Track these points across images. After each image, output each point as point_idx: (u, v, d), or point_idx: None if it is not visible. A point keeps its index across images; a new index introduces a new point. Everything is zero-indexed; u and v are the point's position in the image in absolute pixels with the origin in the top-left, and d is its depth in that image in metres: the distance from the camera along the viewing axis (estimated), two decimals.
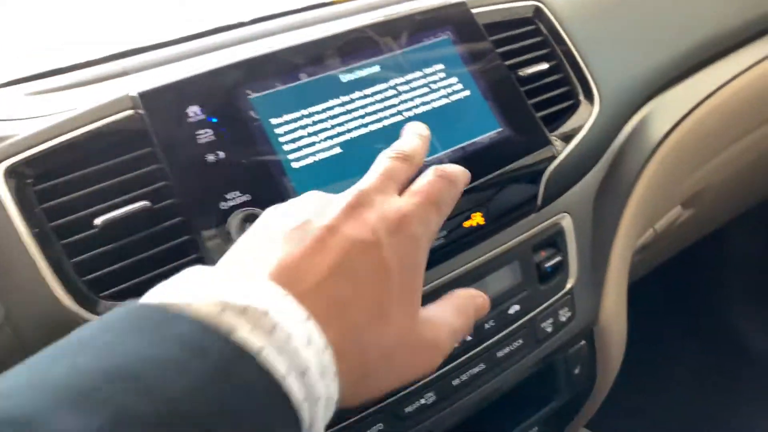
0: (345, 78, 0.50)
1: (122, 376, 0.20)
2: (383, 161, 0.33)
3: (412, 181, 0.33)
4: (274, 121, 0.46)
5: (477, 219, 0.50)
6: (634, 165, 0.64)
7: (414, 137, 0.36)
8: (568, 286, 0.56)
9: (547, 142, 0.53)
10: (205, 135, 0.45)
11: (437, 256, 0.49)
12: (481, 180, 0.50)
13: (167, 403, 0.20)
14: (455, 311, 0.33)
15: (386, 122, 0.49)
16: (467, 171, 0.35)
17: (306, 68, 0.49)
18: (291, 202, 0.31)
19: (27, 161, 0.42)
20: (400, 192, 0.32)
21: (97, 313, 0.39)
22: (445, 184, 0.32)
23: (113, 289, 0.41)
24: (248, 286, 0.24)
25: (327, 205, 0.30)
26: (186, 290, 0.24)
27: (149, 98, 0.44)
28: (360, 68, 0.50)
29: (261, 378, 0.22)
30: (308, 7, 0.72)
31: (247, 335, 0.22)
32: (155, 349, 0.21)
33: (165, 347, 0.21)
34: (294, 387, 0.23)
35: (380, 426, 0.47)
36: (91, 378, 0.20)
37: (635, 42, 0.66)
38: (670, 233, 0.82)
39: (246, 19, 0.71)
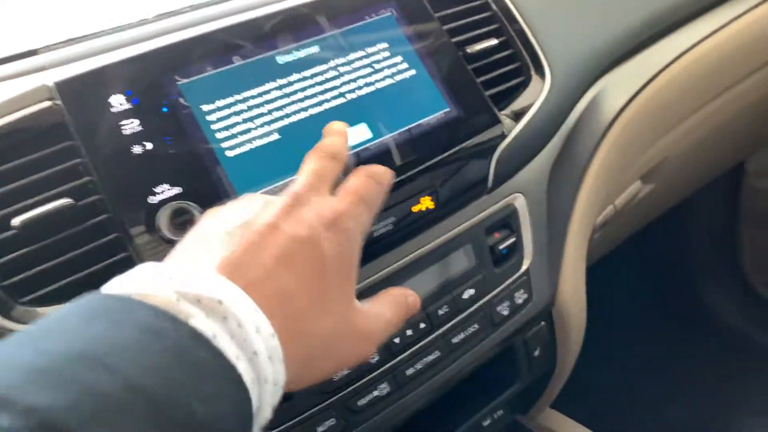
0: (282, 60, 0.47)
1: (86, 357, 0.22)
2: (312, 162, 0.36)
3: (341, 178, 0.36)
4: (205, 107, 0.44)
5: (426, 203, 0.48)
6: (589, 141, 0.63)
7: (336, 136, 0.39)
8: (524, 267, 0.55)
9: (497, 121, 0.52)
10: (130, 125, 0.42)
11: (387, 243, 0.47)
12: (429, 162, 0.48)
13: (128, 380, 0.21)
14: (389, 305, 0.36)
15: (327, 105, 0.47)
16: (390, 170, 0.38)
17: (239, 51, 0.46)
18: (231, 204, 0.33)
19: None
20: (332, 189, 0.35)
21: (13, 319, 0.37)
22: (373, 183, 0.36)
23: (35, 294, 0.38)
24: (201, 279, 0.26)
25: (266, 206, 0.32)
26: (143, 283, 0.26)
27: (67, 87, 0.41)
28: (298, 49, 0.48)
29: (215, 360, 0.24)
30: None
31: (203, 322, 0.25)
32: (117, 333, 0.23)
33: (126, 331, 0.23)
34: (245, 369, 0.25)
35: (332, 421, 0.45)
36: (57, 359, 0.22)
37: (587, 16, 0.65)
38: (630, 209, 0.81)
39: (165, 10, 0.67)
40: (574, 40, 0.62)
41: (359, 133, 0.47)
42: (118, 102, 0.42)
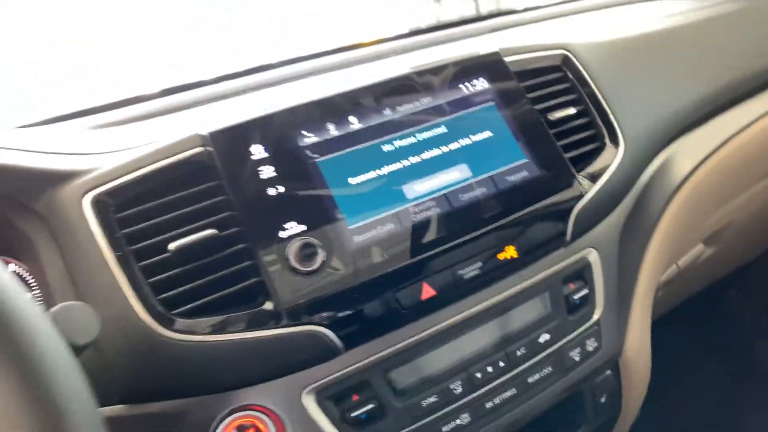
0: (390, 119, 0.55)
1: None
2: None
3: None
4: (326, 159, 0.51)
5: (510, 252, 0.54)
6: (658, 203, 0.68)
7: None
8: (595, 317, 0.59)
9: (575, 182, 0.58)
10: (267, 171, 0.50)
11: (474, 286, 0.53)
12: (514, 215, 0.54)
13: None
14: None
15: (424, 156, 0.54)
16: None
17: (355, 112, 0.54)
18: None
19: (109, 192, 0.47)
20: None
21: (172, 329, 0.44)
22: None
23: (184, 308, 0.45)
24: None
25: None
26: None
27: (218, 137, 0.50)
28: (405, 111, 0.55)
29: None
30: (338, 49, 0.78)
31: None
32: None
33: None
34: None
35: None
36: None
37: (659, 86, 0.71)
38: (692, 270, 0.84)
39: (280, 59, 0.78)
40: (647, 109, 0.67)
41: (456, 174, 0.54)
42: (258, 151, 0.50)
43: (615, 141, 0.63)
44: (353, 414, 0.48)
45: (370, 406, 0.49)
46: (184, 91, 0.70)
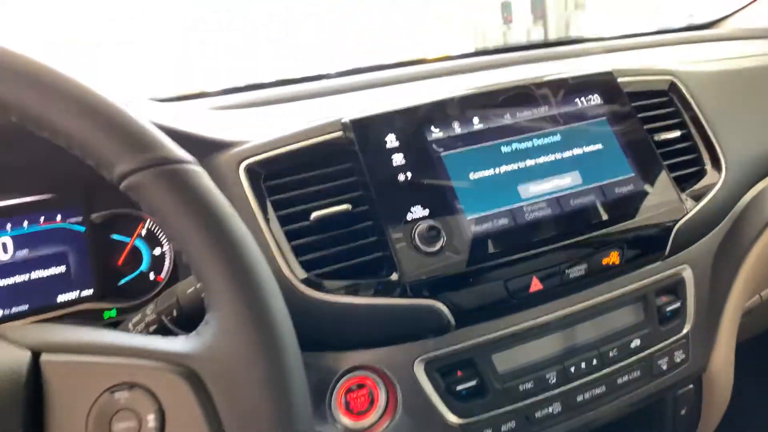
0: (509, 123, 0.59)
1: None
2: None
3: None
4: (450, 153, 0.56)
5: (613, 258, 0.57)
6: (753, 230, 0.70)
7: None
8: (684, 331, 0.62)
9: (679, 200, 0.60)
10: (398, 158, 0.55)
11: (576, 286, 0.56)
12: (620, 224, 0.57)
13: None
14: None
15: (539, 160, 0.58)
16: None
17: (478, 113, 0.58)
18: None
19: (262, 162, 0.53)
20: None
21: (311, 286, 0.49)
22: None
23: (320, 270, 0.51)
24: None
25: None
26: None
27: (357, 124, 0.55)
28: (523, 117, 0.60)
29: None
30: (462, 55, 0.84)
31: None
32: None
33: None
34: None
35: (512, 424, 0.54)
36: None
37: (761, 118, 0.73)
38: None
39: (399, 60, 0.83)
40: (749, 138, 0.70)
41: (568, 181, 0.58)
42: (391, 140, 0.55)
43: (717, 166, 0.66)
44: (457, 387, 0.53)
45: (472, 383, 0.53)
46: (296, 84, 0.77)
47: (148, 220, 0.67)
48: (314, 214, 0.52)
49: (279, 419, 0.29)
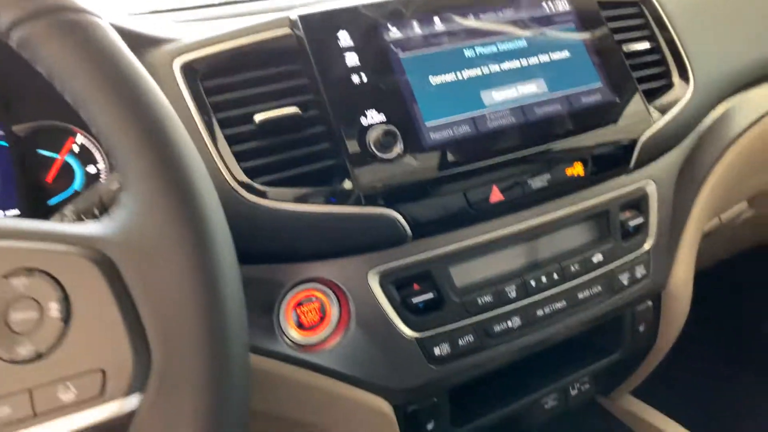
0: (473, 26, 0.55)
1: None
2: None
3: None
4: (409, 55, 0.52)
5: (578, 169, 0.55)
6: (715, 150, 0.68)
7: None
8: (647, 246, 0.60)
9: (646, 111, 0.58)
10: (351, 59, 0.50)
11: (538, 197, 0.54)
12: (585, 134, 0.55)
13: None
14: None
15: (504, 66, 0.54)
16: None
17: (440, 14, 0.54)
18: None
19: (198, 59, 0.48)
20: None
21: (256, 194, 0.45)
22: None
23: (266, 177, 0.47)
24: None
25: None
26: None
27: (306, 21, 0.50)
28: (488, 20, 0.55)
29: None
30: None
31: None
32: None
33: None
34: None
35: (470, 338, 0.52)
36: None
37: (733, 37, 0.70)
38: (731, 229, 0.85)
39: None
40: (719, 55, 0.67)
41: (533, 88, 0.54)
42: (344, 38, 0.50)
43: (685, 80, 0.64)
44: (413, 300, 0.50)
45: (429, 296, 0.51)
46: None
47: (79, 135, 0.61)
48: (258, 117, 0.47)
49: (206, 309, 0.26)
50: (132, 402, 0.25)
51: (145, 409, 0.25)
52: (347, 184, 0.47)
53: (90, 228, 0.27)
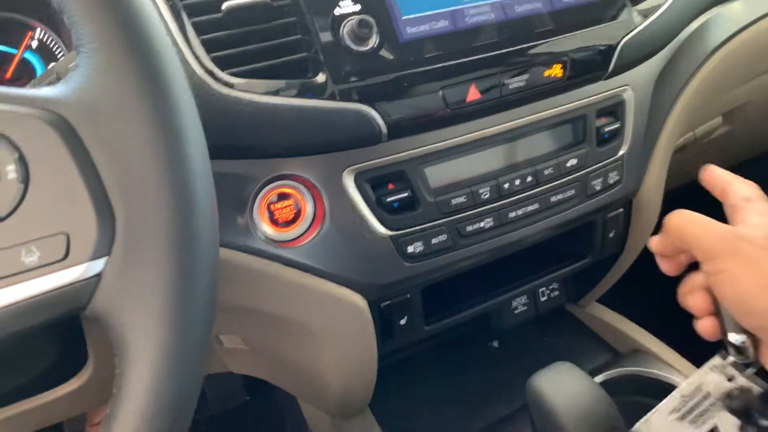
0: None
1: None
2: None
3: None
4: None
5: (556, 70, 0.54)
6: (694, 60, 0.68)
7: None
8: (621, 153, 0.61)
9: (629, 15, 0.57)
10: None
11: (517, 99, 0.53)
12: (566, 35, 0.53)
13: None
14: None
15: None
16: None
17: None
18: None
19: None
20: None
21: (226, 85, 0.44)
22: None
23: (236, 69, 0.45)
24: None
25: None
26: None
27: None
28: None
29: None
30: None
31: None
32: None
33: None
34: None
35: (443, 237, 0.53)
36: None
37: None
38: (704, 146, 0.86)
39: None
40: None
41: None
42: None
43: None
44: (388, 199, 0.50)
45: (403, 195, 0.51)
46: None
47: (39, 29, 0.58)
48: (226, 4, 0.45)
49: (167, 164, 0.25)
50: (97, 266, 0.25)
51: (111, 273, 0.25)
52: (321, 78, 0.46)
53: (45, 91, 0.26)
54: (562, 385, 0.44)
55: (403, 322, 0.56)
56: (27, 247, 0.24)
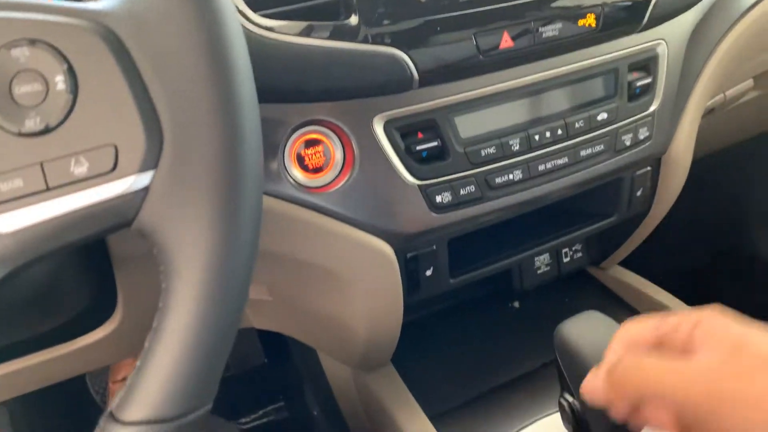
0: None
1: None
2: None
3: None
4: None
5: (590, 20, 0.53)
6: (730, 17, 0.66)
7: None
8: (652, 108, 0.60)
9: None
10: None
11: (549, 48, 0.52)
12: None
13: None
14: None
15: None
16: None
17: None
18: None
19: None
20: None
21: (257, 25, 0.43)
22: None
23: (268, 11, 0.44)
24: None
25: None
26: None
27: None
28: None
29: None
30: None
31: None
32: None
33: None
34: None
35: (471, 189, 0.52)
36: None
37: None
38: (734, 109, 0.85)
39: None
40: None
41: None
42: None
43: None
44: (417, 148, 0.50)
45: (433, 144, 0.50)
46: None
47: None
48: None
49: (216, 79, 0.25)
50: (145, 179, 0.25)
51: (158, 186, 0.25)
52: (353, 20, 0.45)
53: (93, 3, 0.25)
54: (592, 333, 0.44)
55: (428, 273, 0.56)
56: (76, 158, 0.25)
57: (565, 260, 0.74)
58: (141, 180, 0.25)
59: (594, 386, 0.32)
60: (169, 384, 0.25)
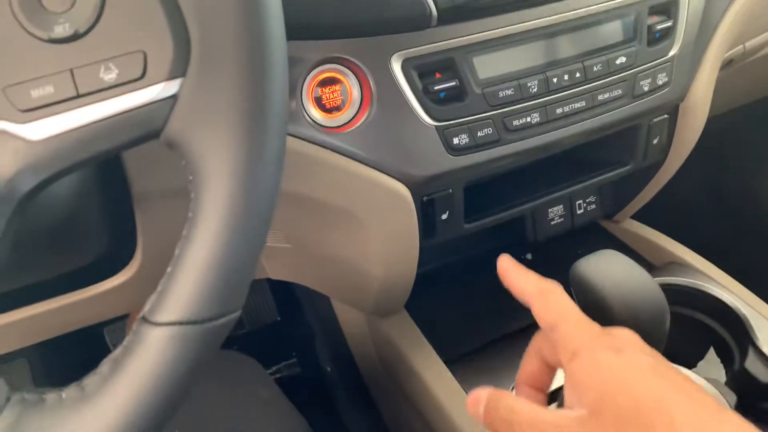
0: None
1: None
2: None
3: None
4: None
5: None
6: None
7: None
8: (671, 53, 0.59)
9: None
10: None
11: None
12: None
13: None
14: None
15: None
16: None
17: None
18: None
19: None
20: None
21: None
22: None
23: None
24: None
25: None
26: None
27: None
28: None
29: None
30: None
31: None
32: None
33: None
34: None
35: (489, 131, 0.52)
36: None
37: None
38: (752, 63, 0.83)
39: None
40: None
41: None
42: None
43: None
44: (435, 88, 0.50)
45: (450, 84, 0.50)
46: None
47: None
48: None
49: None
50: (173, 87, 0.26)
51: (187, 95, 0.26)
52: None
53: None
54: (608, 269, 0.44)
55: (444, 217, 0.56)
56: (106, 65, 0.25)
57: (579, 212, 0.74)
58: (170, 88, 0.26)
59: (475, 411, 0.35)
60: (200, 288, 0.26)
